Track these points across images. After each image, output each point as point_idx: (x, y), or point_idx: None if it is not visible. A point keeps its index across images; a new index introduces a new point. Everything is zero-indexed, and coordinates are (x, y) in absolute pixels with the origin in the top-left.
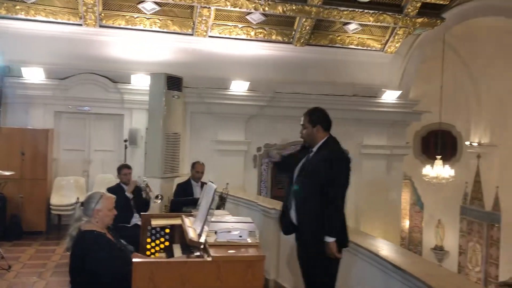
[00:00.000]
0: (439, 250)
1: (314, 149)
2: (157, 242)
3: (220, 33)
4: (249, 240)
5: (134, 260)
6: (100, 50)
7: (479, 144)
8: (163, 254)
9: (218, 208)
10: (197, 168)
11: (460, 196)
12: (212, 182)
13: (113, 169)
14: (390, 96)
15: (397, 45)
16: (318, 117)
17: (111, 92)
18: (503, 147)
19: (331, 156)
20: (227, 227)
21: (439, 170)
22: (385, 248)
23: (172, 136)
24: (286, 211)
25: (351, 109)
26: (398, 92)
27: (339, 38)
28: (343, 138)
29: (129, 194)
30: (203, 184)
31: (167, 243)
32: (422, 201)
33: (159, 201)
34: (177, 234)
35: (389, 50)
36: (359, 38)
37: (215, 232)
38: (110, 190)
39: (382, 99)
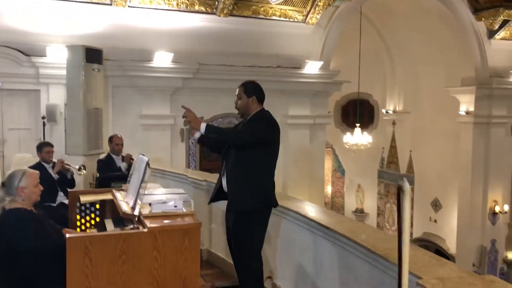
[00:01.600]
0: (359, 212)
1: (247, 119)
2: (87, 218)
3: (140, 3)
4: (184, 210)
5: (67, 235)
6: (12, 21)
7: (394, 111)
8: (94, 230)
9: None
10: (116, 141)
11: (377, 161)
12: (143, 155)
13: (31, 148)
14: (312, 67)
15: (318, 16)
16: (253, 89)
17: (25, 67)
18: (415, 114)
19: (256, 117)
20: (161, 198)
21: (358, 137)
22: (312, 210)
23: (93, 111)
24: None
25: (276, 80)
26: (320, 63)
27: (262, 9)
28: (270, 110)
29: (54, 175)
30: (123, 158)
31: (98, 219)
32: (343, 167)
33: (83, 172)
34: (108, 209)
35: (310, 21)
36: (281, 9)
37: (150, 204)
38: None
39: (305, 70)
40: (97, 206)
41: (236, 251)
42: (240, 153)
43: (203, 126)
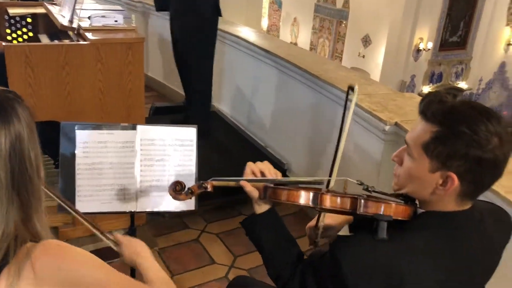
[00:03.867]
0: (293, 44)
1: None
2: (19, 33)
3: None
4: (125, 25)
5: (4, 44)
6: None
7: None
8: None
9: None
10: None
11: None
12: None
13: None
14: None
15: None
16: None
17: None
18: None
19: None
20: (100, 13)
21: None
22: (253, 35)
23: None
24: None
25: None
26: None
27: None
28: None
29: None
30: None
31: (31, 34)
32: None
33: None
34: (41, 24)
35: None
36: None
37: (89, 18)
38: None
39: None
40: (29, 20)
41: (184, 69)
42: None
43: None
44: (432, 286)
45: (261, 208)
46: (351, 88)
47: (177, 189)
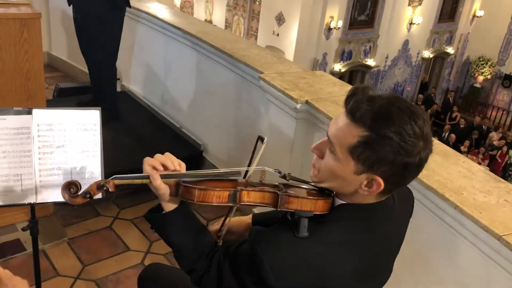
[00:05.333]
0: (208, 22)
1: None
2: None
3: None
4: None
5: None
6: None
7: None
8: None
9: None
10: None
11: None
12: None
13: None
14: None
15: None
16: None
17: None
18: None
19: None
20: None
21: None
22: (165, 12)
23: None
24: None
25: None
26: None
27: None
28: None
29: None
30: None
31: None
32: None
33: None
34: None
35: None
36: None
37: None
38: None
39: None
40: None
41: (89, 50)
42: None
43: None
44: (353, 276)
45: (169, 206)
46: (261, 139)
47: (71, 191)
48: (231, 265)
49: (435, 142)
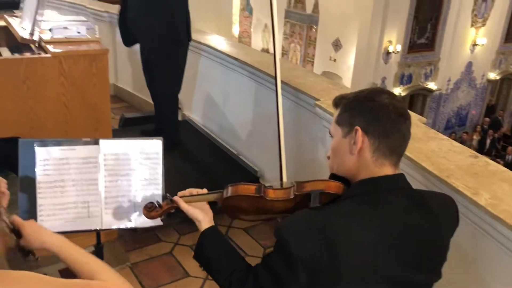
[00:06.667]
0: (265, 52)
1: None
2: None
3: None
4: (88, 36)
5: None
6: None
7: None
8: None
9: None
10: None
11: (285, 0)
12: None
13: None
14: None
15: None
16: None
17: None
18: None
19: None
20: (62, 24)
21: None
22: (222, 43)
23: None
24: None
25: None
26: None
27: None
28: None
29: None
30: None
31: None
32: (251, 5)
33: None
34: (2, 37)
35: None
36: None
37: (50, 30)
38: None
39: None
40: None
41: (154, 84)
42: None
43: None
44: (367, 247)
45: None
46: None
47: (148, 207)
48: (264, 264)
49: (502, 169)
